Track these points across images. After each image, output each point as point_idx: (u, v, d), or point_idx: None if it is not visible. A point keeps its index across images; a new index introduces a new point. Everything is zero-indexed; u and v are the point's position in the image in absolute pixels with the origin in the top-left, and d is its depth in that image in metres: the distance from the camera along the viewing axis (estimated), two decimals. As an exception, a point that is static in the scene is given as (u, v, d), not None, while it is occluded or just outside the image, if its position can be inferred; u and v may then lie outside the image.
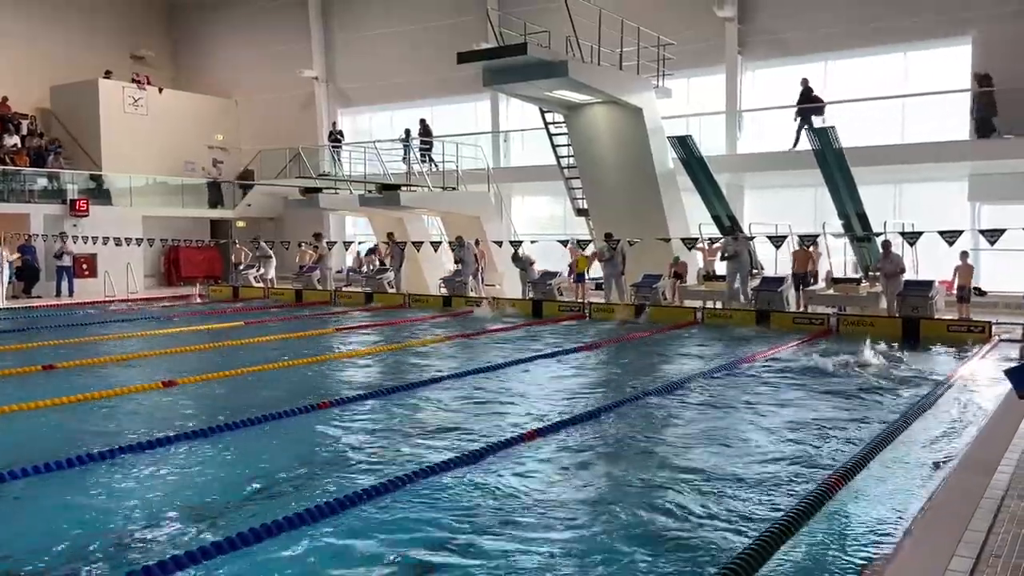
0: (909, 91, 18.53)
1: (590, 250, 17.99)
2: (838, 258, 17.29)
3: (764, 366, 10.54)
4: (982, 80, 16.90)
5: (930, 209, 17.90)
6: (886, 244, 14.43)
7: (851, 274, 16.86)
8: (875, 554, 4.40)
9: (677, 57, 18.66)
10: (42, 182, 22.76)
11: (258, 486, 5.62)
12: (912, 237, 14.30)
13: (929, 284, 14.14)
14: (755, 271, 16.42)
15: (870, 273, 15.71)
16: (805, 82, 18.44)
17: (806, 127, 17.23)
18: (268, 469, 6.01)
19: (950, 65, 18.13)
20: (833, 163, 15.30)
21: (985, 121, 16.84)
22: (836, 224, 16.40)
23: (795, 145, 18.06)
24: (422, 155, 22.84)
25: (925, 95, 18.17)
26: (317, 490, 5.49)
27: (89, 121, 25.39)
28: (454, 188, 21.59)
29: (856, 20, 18.78)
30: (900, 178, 18.62)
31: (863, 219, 15.70)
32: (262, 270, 22.09)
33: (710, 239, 17.47)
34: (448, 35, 23.11)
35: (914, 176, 18.38)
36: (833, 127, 15.36)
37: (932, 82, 18.18)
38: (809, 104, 18.31)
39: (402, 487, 5.41)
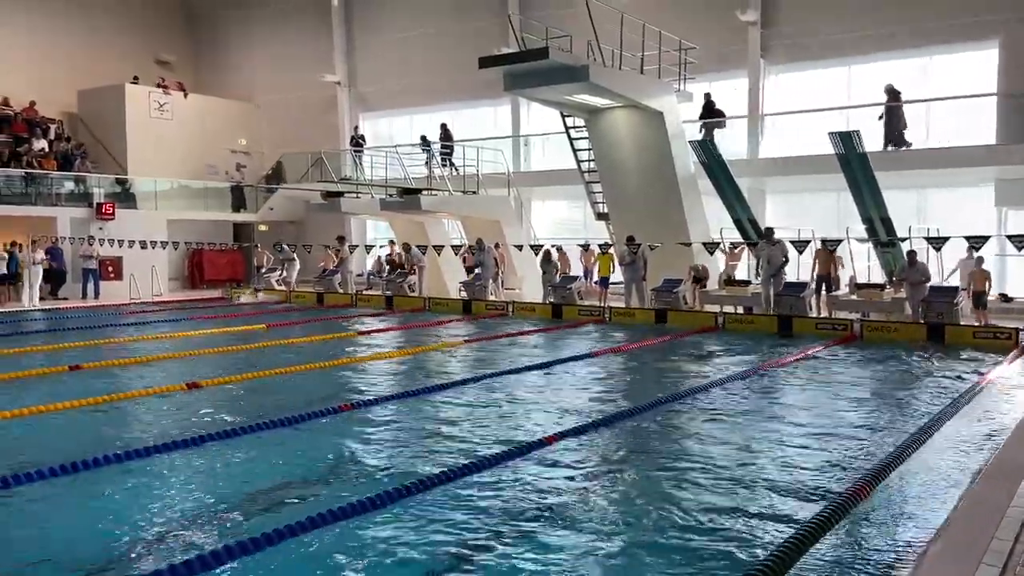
0: (933, 95, 18.35)
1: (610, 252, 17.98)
2: (862, 263, 17.13)
3: (788, 371, 10.46)
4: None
5: (956, 214, 17.70)
6: (911, 254, 14.25)
7: (875, 280, 16.70)
8: (900, 561, 4.36)
9: (699, 61, 18.59)
10: (69, 186, 23.08)
11: (282, 487, 5.66)
12: (937, 242, 14.15)
13: (954, 290, 13.98)
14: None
15: (894, 279, 15.54)
16: (707, 96, 19.11)
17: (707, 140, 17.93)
18: (292, 471, 6.06)
19: (976, 69, 17.93)
20: (857, 167, 15.18)
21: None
22: (859, 229, 16.25)
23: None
24: (443, 159, 22.93)
25: (950, 99, 17.98)
26: (339, 492, 5.52)
27: (115, 125, 25.75)
28: (474, 192, 21.64)
29: (880, 24, 18.63)
30: (925, 183, 18.42)
31: (887, 224, 15.54)
32: (284, 273, 22.29)
33: (732, 243, 17.38)
34: (469, 39, 23.20)
35: (939, 181, 18.19)
36: (857, 131, 15.22)
37: (957, 86, 17.99)
38: (712, 119, 19.00)
39: (424, 490, 5.43)
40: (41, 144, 24.31)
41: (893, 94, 17.73)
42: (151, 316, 17.09)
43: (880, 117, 17.72)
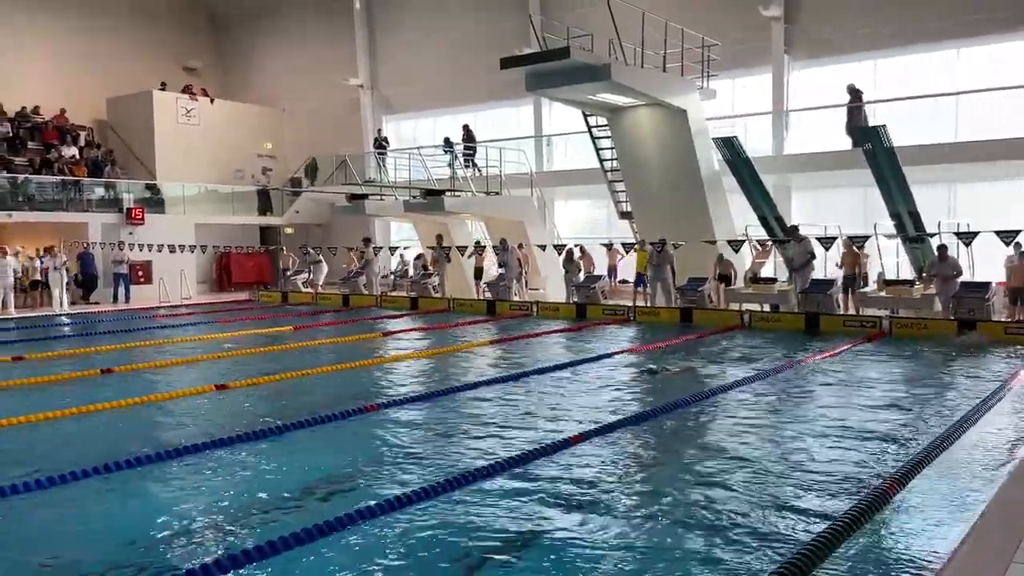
0: (962, 88, 18.07)
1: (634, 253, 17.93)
2: (890, 260, 16.92)
3: (815, 368, 10.37)
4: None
5: (987, 209, 17.40)
6: (942, 248, 14.06)
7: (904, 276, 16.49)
8: (931, 560, 4.31)
9: (722, 58, 18.48)
10: (99, 191, 23.46)
11: (311, 487, 5.72)
12: (967, 237, 13.94)
13: (986, 285, 13.76)
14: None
15: (924, 275, 15.33)
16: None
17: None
18: (321, 470, 6.13)
19: (1007, 61, 17.63)
20: (884, 163, 15.00)
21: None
22: (887, 224, 16.05)
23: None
24: (466, 160, 23.00)
25: (979, 92, 17.69)
26: (368, 491, 5.58)
27: (144, 132, 26.15)
28: (497, 193, 21.68)
29: (906, 18, 18.37)
30: (954, 177, 18.15)
31: (916, 219, 15.34)
32: (310, 275, 22.51)
33: (759, 241, 17.24)
34: (490, 40, 23.24)
35: (969, 175, 17.90)
36: (884, 126, 15.05)
37: (987, 79, 17.69)
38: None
39: (453, 488, 5.47)
40: (72, 151, 24.76)
41: (855, 94, 18.01)
42: (180, 319, 17.33)
43: (846, 117, 18.05)
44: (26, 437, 7.18)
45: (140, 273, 22.16)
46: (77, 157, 24.71)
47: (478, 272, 20.22)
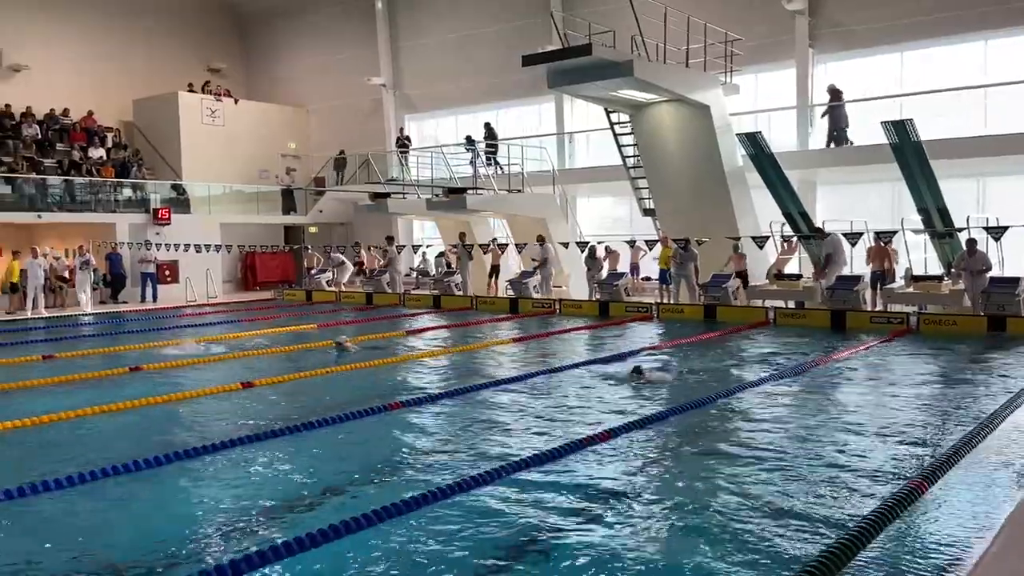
0: (990, 80, 17.77)
1: (657, 249, 17.84)
2: (918, 255, 16.69)
3: (841, 365, 10.27)
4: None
5: (1017, 203, 17.10)
6: (971, 242, 13.85)
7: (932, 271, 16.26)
8: (959, 560, 4.26)
9: (745, 52, 18.33)
10: (126, 192, 23.78)
11: (338, 484, 5.77)
12: (997, 232, 13.72)
13: (1016, 281, 13.53)
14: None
15: (952, 270, 15.11)
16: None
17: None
18: (347, 466, 6.17)
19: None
20: (911, 157, 14.79)
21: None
22: (915, 219, 15.84)
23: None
24: (488, 158, 23.01)
25: (1007, 84, 17.39)
26: (393, 488, 5.60)
27: (169, 132, 26.44)
28: (519, 190, 21.68)
29: (932, 9, 18.09)
30: (983, 171, 17.86)
31: (944, 214, 15.12)
32: (335, 276, 22.66)
33: (785, 237, 17.08)
34: (512, 38, 23.22)
35: (998, 169, 17.61)
36: (911, 119, 14.83)
37: (1015, 71, 17.38)
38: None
39: (479, 485, 5.48)
40: (99, 152, 25.11)
41: (835, 94, 18.32)
42: (207, 318, 17.52)
43: (823, 116, 18.55)
44: (59, 433, 7.30)
45: (167, 273, 22.43)
46: (105, 158, 25.06)
47: (494, 270, 20.22)
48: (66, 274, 20.51)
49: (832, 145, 18.30)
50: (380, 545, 4.58)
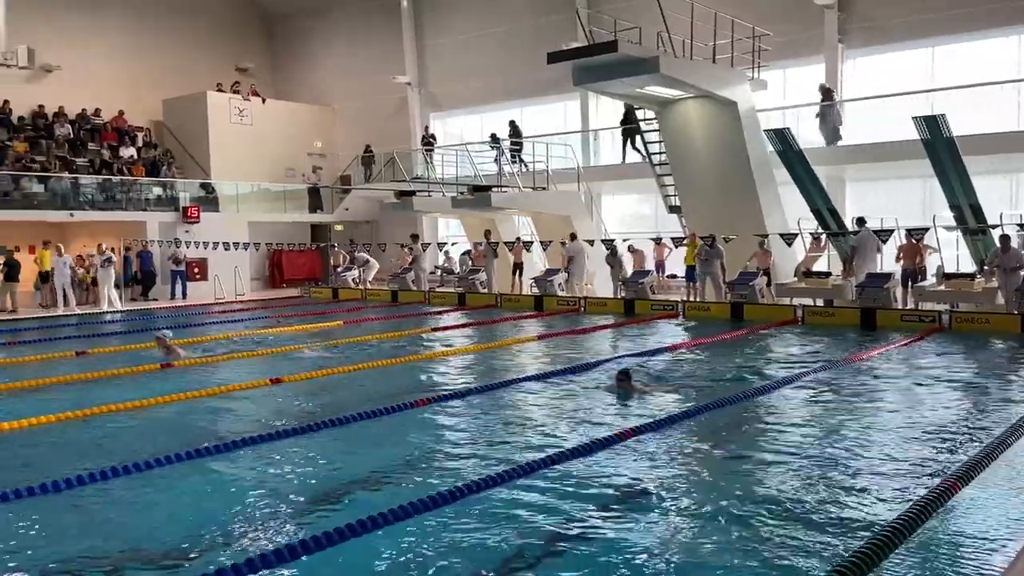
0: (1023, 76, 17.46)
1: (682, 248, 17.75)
2: (950, 252, 16.42)
3: (874, 364, 10.14)
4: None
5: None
6: (1004, 239, 13.61)
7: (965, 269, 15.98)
8: (990, 563, 4.19)
9: (773, 48, 18.14)
10: (157, 191, 24.10)
11: (365, 479, 5.81)
12: (1031, 229, 13.46)
13: (1051, 278, 13.27)
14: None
15: (985, 268, 14.85)
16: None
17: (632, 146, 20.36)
18: (375, 463, 6.20)
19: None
20: (943, 152, 14.54)
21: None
22: (947, 216, 15.58)
23: (623, 160, 21.04)
24: (512, 156, 23.01)
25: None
26: (423, 484, 5.63)
27: (198, 132, 26.75)
28: (544, 188, 21.65)
29: (963, 4, 17.76)
30: (1017, 167, 17.52)
31: (977, 210, 14.86)
32: (361, 273, 22.81)
33: (812, 234, 16.89)
34: (537, 35, 23.18)
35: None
36: (943, 115, 14.59)
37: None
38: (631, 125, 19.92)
39: (504, 482, 5.49)
40: (130, 152, 25.47)
41: (827, 93, 18.40)
42: (235, 315, 17.71)
43: (817, 115, 18.48)
44: (92, 429, 7.42)
45: (196, 270, 22.71)
46: (135, 157, 25.41)
47: (516, 267, 20.23)
48: (93, 272, 20.83)
49: (826, 144, 18.35)
50: (410, 540, 4.60)
